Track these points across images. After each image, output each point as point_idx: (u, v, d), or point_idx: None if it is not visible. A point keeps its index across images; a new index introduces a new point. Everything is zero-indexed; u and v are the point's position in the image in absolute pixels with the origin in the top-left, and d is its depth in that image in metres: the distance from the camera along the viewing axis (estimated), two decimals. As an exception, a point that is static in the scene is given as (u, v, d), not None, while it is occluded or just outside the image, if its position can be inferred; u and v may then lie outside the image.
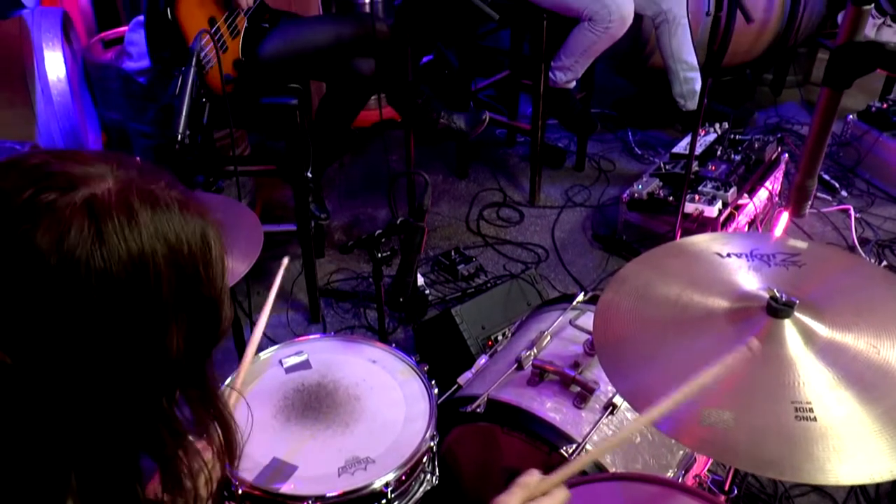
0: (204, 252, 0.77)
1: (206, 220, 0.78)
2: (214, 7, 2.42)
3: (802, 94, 4.34)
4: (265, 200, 3.41)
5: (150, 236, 0.71)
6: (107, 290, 0.69)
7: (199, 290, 0.77)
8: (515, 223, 3.40)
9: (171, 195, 0.76)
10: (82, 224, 0.68)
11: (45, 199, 0.69)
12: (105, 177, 0.72)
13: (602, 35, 3.06)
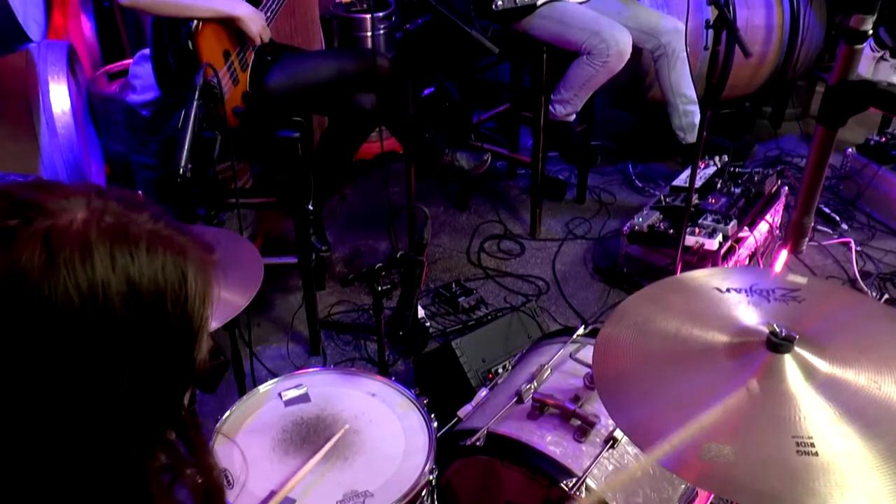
0: (175, 290, 0.75)
1: (188, 257, 0.77)
2: (228, 41, 2.47)
3: (802, 126, 4.37)
4: (267, 232, 3.42)
5: (106, 269, 0.70)
6: (55, 321, 0.69)
7: (164, 329, 0.75)
8: (516, 255, 3.40)
9: (147, 229, 0.75)
10: (34, 252, 0.68)
11: (7, 225, 0.69)
12: (75, 209, 0.72)
13: (600, 69, 3.09)
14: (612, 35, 3.04)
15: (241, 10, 2.44)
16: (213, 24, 2.41)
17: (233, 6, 2.42)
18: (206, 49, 2.38)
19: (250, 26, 2.46)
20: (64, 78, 2.80)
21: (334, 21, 3.88)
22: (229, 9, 2.41)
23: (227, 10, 2.41)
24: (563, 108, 3.29)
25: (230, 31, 2.47)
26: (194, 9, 2.35)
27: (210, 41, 2.39)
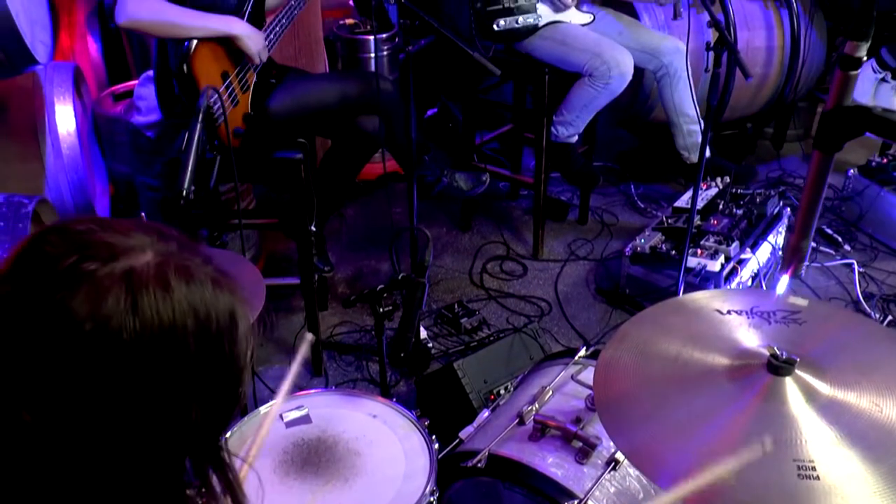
0: (230, 329, 0.78)
1: (236, 298, 0.80)
2: (227, 62, 2.46)
3: (804, 147, 4.38)
4: (269, 253, 3.43)
5: (182, 310, 0.73)
6: (135, 358, 0.71)
7: (222, 365, 0.78)
8: (518, 276, 3.40)
9: (206, 271, 0.78)
10: (119, 294, 0.71)
11: (87, 268, 0.71)
12: (145, 249, 0.75)
13: (602, 90, 3.11)
14: (614, 56, 3.06)
15: (239, 29, 2.43)
16: (210, 45, 2.40)
17: (230, 25, 2.41)
18: (203, 70, 2.37)
19: (249, 44, 2.45)
20: (70, 99, 2.82)
21: (338, 42, 3.90)
22: (226, 27, 2.40)
23: (223, 29, 2.40)
24: (565, 130, 3.31)
25: (229, 51, 2.46)
26: (190, 29, 2.34)
27: (207, 62, 2.39)
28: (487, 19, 3.15)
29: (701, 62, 3.61)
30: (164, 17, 2.30)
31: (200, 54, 2.36)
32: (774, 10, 3.95)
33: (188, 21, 2.34)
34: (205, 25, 2.36)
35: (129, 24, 2.29)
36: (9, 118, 2.74)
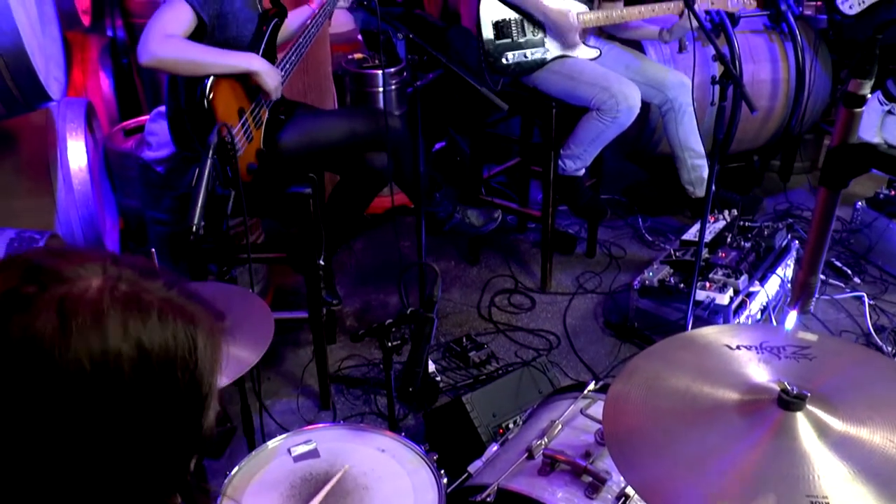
0: (185, 357, 0.76)
1: (199, 325, 0.78)
2: (244, 98, 2.50)
3: (811, 180, 4.39)
4: (278, 286, 3.44)
5: (117, 337, 0.72)
6: (65, 385, 0.71)
7: (173, 395, 0.76)
8: (527, 310, 3.40)
9: (160, 297, 0.76)
10: (48, 318, 0.71)
11: (25, 292, 0.72)
12: (91, 276, 0.74)
13: (610, 124, 3.12)
14: (622, 90, 3.08)
15: (258, 66, 2.46)
16: (228, 81, 2.43)
17: (249, 61, 2.45)
18: (222, 107, 2.40)
19: (267, 81, 2.48)
20: (82, 135, 2.85)
21: (346, 77, 3.95)
22: (246, 64, 2.44)
23: (244, 66, 2.43)
24: (572, 163, 3.32)
25: (246, 87, 2.49)
26: (212, 66, 2.37)
27: (226, 99, 2.42)
28: (496, 53, 3.19)
29: (707, 95, 3.65)
30: (186, 55, 2.33)
31: (220, 91, 2.39)
32: (779, 43, 3.98)
33: (209, 58, 2.37)
34: (226, 62, 2.40)
35: (152, 63, 2.32)
36: (21, 154, 2.76)
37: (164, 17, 2.34)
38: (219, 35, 2.45)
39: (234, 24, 2.47)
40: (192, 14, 2.36)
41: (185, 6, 2.35)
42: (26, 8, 2.46)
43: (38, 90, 2.27)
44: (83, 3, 3.65)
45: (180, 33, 2.34)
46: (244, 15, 2.50)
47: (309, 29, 2.68)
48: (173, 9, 2.35)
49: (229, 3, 2.45)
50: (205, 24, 2.39)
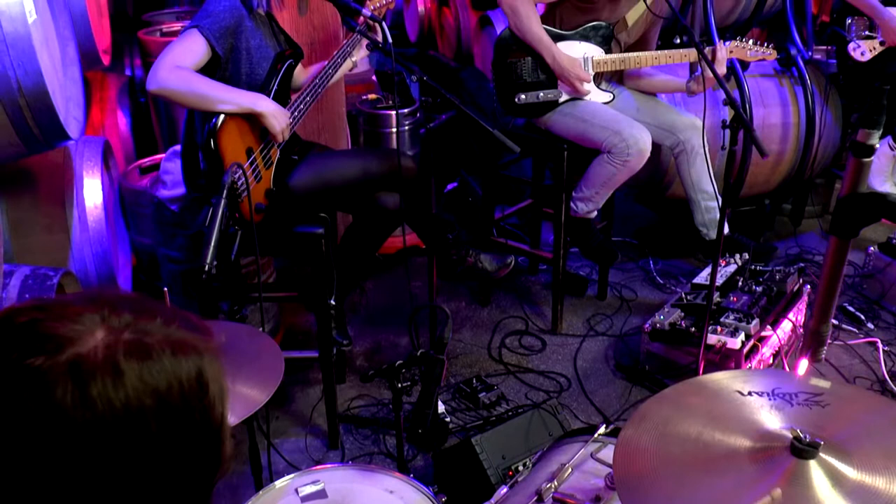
0: (199, 394, 0.77)
1: (203, 357, 0.78)
2: (252, 138, 2.51)
3: (822, 224, 4.38)
4: (289, 325, 3.44)
5: (137, 391, 0.72)
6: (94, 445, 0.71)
7: (193, 431, 0.77)
8: (537, 351, 3.39)
9: (165, 336, 0.76)
10: (66, 387, 0.70)
11: (33, 364, 0.70)
12: (94, 330, 0.73)
13: (621, 167, 3.13)
14: (632, 134, 3.09)
15: (265, 106, 2.47)
16: (236, 121, 2.44)
17: (256, 101, 2.46)
18: (229, 146, 2.41)
19: (273, 122, 2.49)
20: (98, 173, 2.89)
21: (360, 117, 3.99)
22: (251, 104, 2.45)
23: (249, 105, 2.44)
24: (584, 206, 3.33)
25: (254, 127, 2.51)
26: (217, 101, 2.38)
27: (233, 138, 2.43)
28: (509, 93, 3.22)
29: (717, 138, 3.67)
30: (193, 87, 2.35)
31: (227, 130, 2.40)
32: (789, 87, 4.01)
33: (216, 94, 2.39)
34: (232, 100, 2.41)
35: (158, 92, 2.34)
36: (39, 191, 2.80)
37: (178, 47, 2.38)
38: (232, 70, 2.49)
39: (247, 61, 2.51)
40: (206, 46, 2.39)
41: (200, 38, 2.38)
42: (49, 49, 2.52)
43: (58, 129, 2.31)
44: (104, 44, 3.72)
45: (192, 65, 2.37)
46: (260, 53, 2.54)
47: (326, 70, 2.71)
48: (188, 40, 2.39)
49: (245, 39, 2.49)
50: (219, 57, 2.43)
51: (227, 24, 2.42)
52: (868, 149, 1.32)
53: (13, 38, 2.05)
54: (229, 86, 2.45)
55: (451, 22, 6.52)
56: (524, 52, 3.21)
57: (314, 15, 3.36)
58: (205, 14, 2.42)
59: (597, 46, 3.24)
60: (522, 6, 3.12)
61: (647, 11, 3.29)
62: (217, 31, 2.40)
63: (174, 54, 2.35)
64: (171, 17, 4.83)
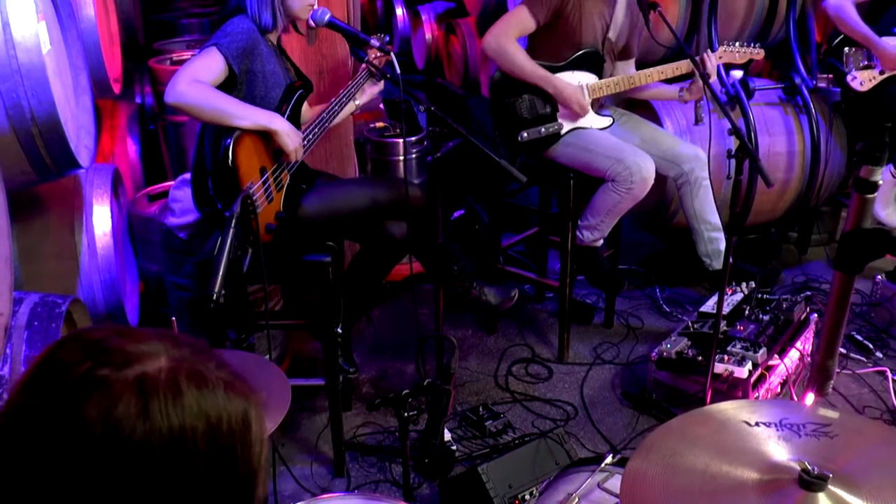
0: (243, 432, 0.80)
1: (250, 402, 0.82)
2: (266, 157, 2.54)
3: (829, 252, 4.37)
4: (295, 352, 3.45)
5: (193, 414, 0.76)
6: (145, 461, 0.73)
7: (234, 468, 0.79)
8: (544, 379, 3.38)
9: (219, 375, 0.80)
10: (130, 400, 0.73)
11: (100, 374, 0.74)
12: (159, 355, 0.78)
13: (625, 196, 3.14)
14: (636, 162, 3.11)
15: (279, 125, 2.50)
16: (252, 138, 2.47)
17: (271, 119, 2.49)
18: (244, 162, 2.44)
19: (287, 141, 2.51)
20: (107, 200, 2.91)
21: (368, 145, 4.02)
22: (267, 121, 2.48)
23: (265, 123, 2.47)
24: (590, 234, 3.34)
25: (268, 147, 2.54)
26: (233, 117, 2.42)
27: (248, 155, 2.46)
28: (511, 132, 3.25)
29: (723, 167, 3.68)
30: (210, 101, 2.39)
31: (243, 146, 2.44)
32: (794, 115, 4.03)
33: (232, 108, 2.42)
34: (248, 116, 2.45)
35: (176, 104, 2.38)
36: (49, 218, 2.82)
37: (197, 63, 2.42)
38: (247, 91, 2.53)
39: (262, 85, 2.55)
40: (224, 64, 2.44)
41: (219, 55, 2.43)
42: (62, 79, 2.55)
43: (69, 158, 2.34)
44: (115, 72, 3.76)
45: (210, 80, 2.41)
46: (273, 79, 2.58)
47: (333, 106, 2.75)
48: (206, 57, 2.43)
49: (260, 62, 2.53)
50: (235, 75, 2.47)
51: (244, 45, 2.47)
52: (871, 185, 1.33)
53: (28, 69, 2.08)
54: (244, 103, 2.49)
55: (459, 50, 6.59)
56: (519, 90, 3.24)
57: (323, 44, 3.40)
58: (223, 34, 2.47)
59: (589, 73, 3.27)
60: (508, 46, 3.15)
61: (627, 21, 3.33)
62: (235, 51, 2.45)
63: (193, 69, 2.40)
64: (182, 45, 4.88)
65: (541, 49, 3.27)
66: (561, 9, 3.17)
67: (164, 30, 5.88)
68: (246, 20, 2.51)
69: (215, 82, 2.44)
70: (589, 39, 3.24)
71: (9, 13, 2.07)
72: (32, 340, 2.04)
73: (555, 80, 3.19)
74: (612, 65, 3.37)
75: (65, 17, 2.63)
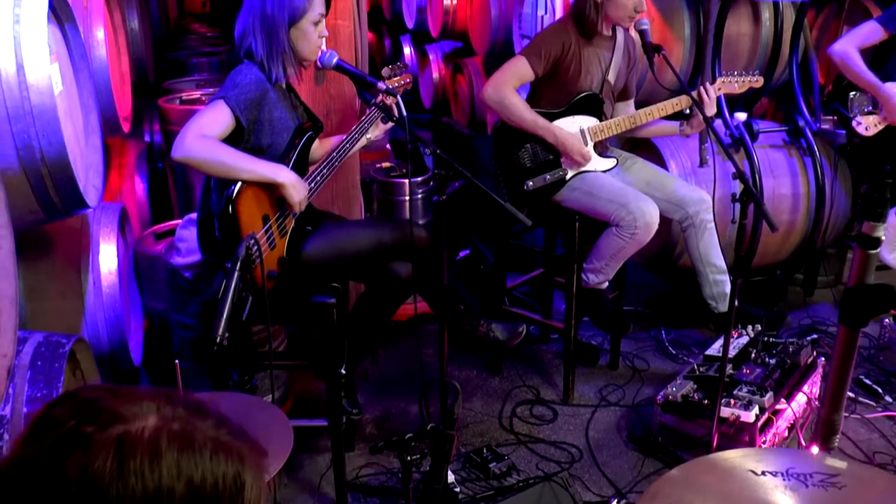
0: (234, 494, 0.79)
1: (245, 463, 0.82)
2: (269, 206, 2.54)
3: (835, 294, 4.35)
4: (298, 392, 3.43)
5: (171, 476, 0.75)
6: None
7: None
8: (549, 421, 3.35)
9: (210, 436, 0.80)
10: (107, 458, 0.74)
11: (84, 431, 0.76)
12: (147, 415, 0.78)
13: (629, 240, 3.15)
14: (640, 207, 3.11)
15: (285, 177, 2.50)
16: (254, 188, 2.47)
17: (276, 172, 2.49)
18: (246, 213, 2.44)
19: (292, 193, 2.52)
20: (114, 239, 2.92)
21: (374, 184, 4.04)
22: (273, 174, 2.48)
23: (270, 176, 2.48)
24: (595, 277, 3.33)
25: (271, 196, 2.54)
26: (240, 171, 2.43)
27: (250, 205, 2.46)
28: (517, 181, 3.26)
29: (728, 211, 3.69)
30: (217, 156, 2.40)
31: (245, 197, 2.44)
32: (798, 157, 4.04)
33: (239, 163, 2.43)
34: (253, 169, 2.45)
35: (183, 160, 2.39)
36: (55, 257, 2.83)
37: (204, 117, 2.43)
38: (254, 141, 2.54)
39: (269, 132, 2.56)
40: (231, 117, 2.45)
41: (226, 109, 2.44)
42: (73, 119, 2.58)
43: (78, 198, 2.35)
44: (125, 111, 3.80)
45: (217, 134, 2.43)
46: (281, 124, 2.59)
47: (343, 144, 2.76)
48: (214, 110, 2.45)
49: (268, 111, 2.54)
50: (243, 127, 2.48)
51: (253, 96, 2.48)
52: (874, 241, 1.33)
53: (40, 110, 2.11)
54: (251, 156, 2.49)
55: (465, 89, 6.66)
56: (521, 139, 3.26)
57: (331, 85, 3.44)
58: (231, 85, 2.49)
59: (590, 116, 3.29)
60: (508, 97, 3.18)
61: (625, 62, 3.37)
62: (243, 103, 2.46)
63: (200, 123, 2.41)
64: (192, 84, 4.94)
65: (541, 96, 3.30)
66: (560, 59, 3.20)
67: (174, 68, 5.97)
68: (254, 69, 2.52)
69: (223, 136, 2.45)
70: (589, 85, 3.27)
71: (24, 56, 2.10)
72: (35, 380, 2.04)
73: (556, 130, 3.21)
74: (611, 106, 3.40)
75: (77, 57, 2.67)
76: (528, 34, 4.56)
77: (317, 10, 2.56)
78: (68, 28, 2.59)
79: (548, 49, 3.19)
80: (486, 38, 5.93)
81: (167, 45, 7.00)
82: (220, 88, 2.52)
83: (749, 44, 4.27)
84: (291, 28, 2.54)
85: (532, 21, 4.56)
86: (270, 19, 2.51)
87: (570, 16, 3.27)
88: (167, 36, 7.34)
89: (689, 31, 4.13)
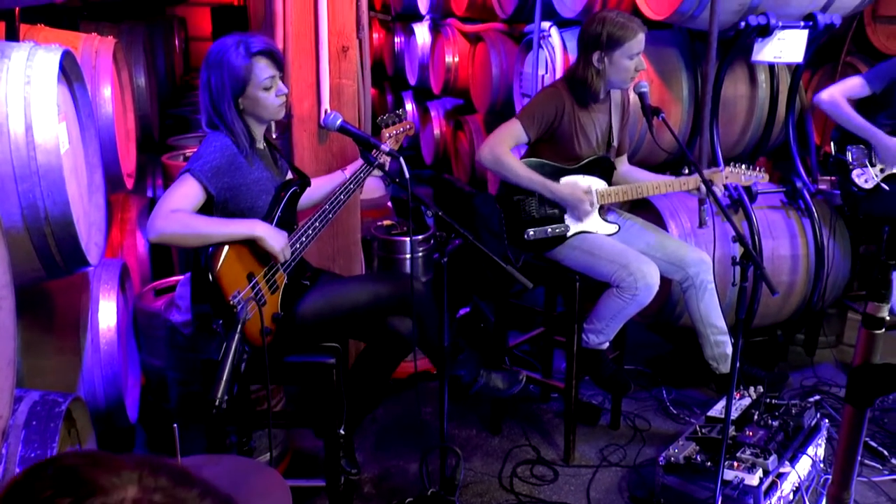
0: None
1: None
2: (253, 262, 2.50)
3: (836, 354, 4.34)
4: (296, 450, 3.39)
5: None
6: None
7: None
8: (549, 482, 3.30)
9: None
10: None
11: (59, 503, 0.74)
12: (127, 485, 0.77)
13: (630, 302, 3.15)
14: (640, 269, 3.11)
15: (260, 231, 2.47)
16: (235, 247, 2.44)
17: (252, 228, 2.47)
18: (227, 273, 2.40)
19: (272, 244, 2.48)
20: (114, 296, 2.92)
21: (375, 242, 4.05)
22: (248, 230, 2.46)
23: (246, 232, 2.46)
24: (595, 338, 3.32)
25: (254, 252, 2.50)
26: (216, 236, 2.41)
27: (231, 264, 2.42)
28: (518, 228, 3.27)
29: (727, 272, 3.69)
30: (191, 228, 2.39)
31: (224, 256, 2.40)
32: (797, 218, 4.06)
33: (212, 229, 2.42)
34: (229, 231, 2.43)
35: (159, 240, 2.38)
36: (54, 313, 2.83)
37: (173, 194, 2.42)
38: (232, 207, 2.52)
39: (247, 196, 2.54)
40: (199, 188, 2.43)
41: (192, 181, 2.43)
42: (77, 177, 2.60)
43: (79, 257, 2.36)
44: (129, 168, 3.83)
45: (190, 207, 2.41)
46: (259, 186, 2.57)
47: (337, 195, 2.75)
48: (181, 185, 2.43)
49: (242, 175, 2.52)
50: (212, 196, 2.47)
51: (219, 163, 2.47)
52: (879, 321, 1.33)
53: (45, 170, 2.12)
54: (224, 218, 2.48)
55: (466, 146, 6.73)
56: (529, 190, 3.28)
57: (333, 143, 3.48)
58: (196, 156, 2.49)
59: (599, 179, 3.32)
60: (503, 157, 3.21)
61: (618, 119, 3.42)
62: (209, 172, 2.45)
63: (170, 200, 2.40)
64: (195, 141, 4.98)
65: (541, 155, 3.32)
66: (554, 124, 3.23)
67: (179, 124, 6.04)
68: (221, 137, 2.52)
69: (195, 208, 2.44)
70: (587, 148, 3.30)
71: (33, 116, 2.13)
72: (30, 440, 2.01)
73: (551, 186, 3.23)
74: None
75: (84, 116, 2.70)
76: (529, 93, 4.63)
77: (261, 77, 2.52)
78: (77, 87, 2.63)
79: (541, 113, 3.23)
80: (486, 96, 6.01)
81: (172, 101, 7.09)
82: (187, 162, 2.51)
83: (746, 105, 4.33)
84: (239, 98, 2.54)
85: (533, 80, 4.63)
86: (216, 93, 2.52)
87: (565, 80, 3.31)
88: (173, 92, 7.45)
89: (688, 92, 4.19)
